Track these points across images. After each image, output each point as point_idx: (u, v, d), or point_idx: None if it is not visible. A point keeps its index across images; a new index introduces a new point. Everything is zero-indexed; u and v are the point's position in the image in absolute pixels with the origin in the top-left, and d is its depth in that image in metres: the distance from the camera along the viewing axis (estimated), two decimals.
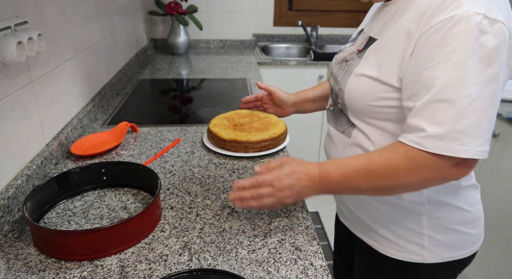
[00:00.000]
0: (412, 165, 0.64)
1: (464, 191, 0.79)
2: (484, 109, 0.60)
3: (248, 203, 0.73)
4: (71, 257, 0.71)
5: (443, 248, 0.80)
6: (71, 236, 0.70)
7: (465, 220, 0.80)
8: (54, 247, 0.71)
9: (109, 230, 0.70)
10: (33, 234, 0.74)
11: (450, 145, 0.60)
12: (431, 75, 0.61)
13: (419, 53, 0.64)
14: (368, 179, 0.67)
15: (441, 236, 0.79)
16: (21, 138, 0.92)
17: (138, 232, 0.75)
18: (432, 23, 0.62)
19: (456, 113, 0.59)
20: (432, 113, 0.61)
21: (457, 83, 0.59)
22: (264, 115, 1.23)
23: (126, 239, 0.73)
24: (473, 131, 0.60)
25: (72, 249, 0.70)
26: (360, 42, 0.81)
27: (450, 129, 0.60)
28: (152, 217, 0.79)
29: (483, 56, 0.59)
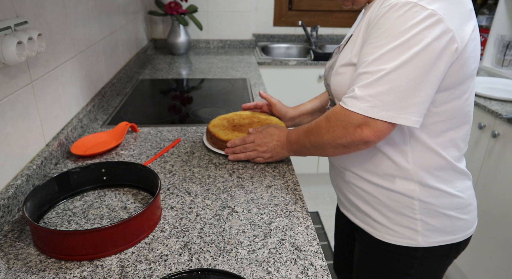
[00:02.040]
0: (328, 124, 0.78)
1: (454, 177, 0.84)
2: (399, 80, 0.68)
3: (238, 156, 1.00)
4: (71, 257, 0.71)
5: (436, 232, 0.84)
6: (71, 236, 0.70)
7: (456, 205, 0.84)
8: (54, 247, 0.71)
9: (109, 230, 0.70)
10: (33, 234, 0.74)
11: (362, 105, 0.70)
12: (365, 52, 0.73)
13: (367, 37, 0.74)
14: (308, 137, 0.84)
15: (433, 220, 0.84)
16: (21, 138, 0.92)
17: (138, 232, 0.75)
18: (379, 11, 0.72)
19: (373, 81, 0.69)
20: (359, 81, 0.71)
21: (378, 60, 0.69)
22: (265, 116, 1.23)
23: (126, 239, 0.73)
24: (385, 97, 0.69)
25: (72, 249, 0.70)
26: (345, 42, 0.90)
27: (366, 92, 0.70)
28: (152, 217, 0.79)
29: (406, 38, 0.67)
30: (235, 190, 0.94)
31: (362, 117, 0.71)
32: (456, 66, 0.72)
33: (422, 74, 0.68)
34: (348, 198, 0.94)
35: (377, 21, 0.71)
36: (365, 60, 0.71)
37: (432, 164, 0.80)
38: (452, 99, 0.76)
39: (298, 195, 0.92)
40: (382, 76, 0.68)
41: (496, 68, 2.05)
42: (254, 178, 0.99)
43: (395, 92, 0.68)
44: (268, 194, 0.92)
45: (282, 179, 0.98)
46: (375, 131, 0.71)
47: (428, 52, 0.67)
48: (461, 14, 0.70)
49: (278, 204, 0.88)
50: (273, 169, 1.03)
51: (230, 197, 0.91)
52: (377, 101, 0.69)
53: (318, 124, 0.81)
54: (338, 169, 0.95)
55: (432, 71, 0.69)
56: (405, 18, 0.67)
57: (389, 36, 0.69)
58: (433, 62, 0.68)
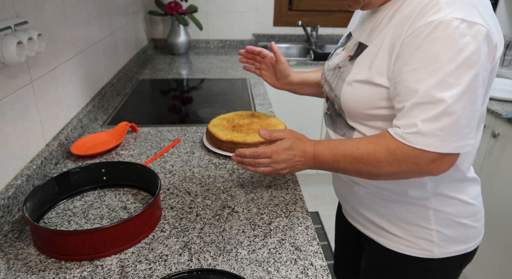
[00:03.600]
0: (392, 158, 0.69)
1: (466, 185, 0.82)
2: (464, 108, 0.64)
3: (247, 167, 0.84)
4: (71, 257, 0.71)
5: (451, 242, 0.82)
6: (71, 236, 0.70)
7: (469, 213, 0.82)
8: (54, 247, 0.71)
9: (109, 230, 0.70)
10: (33, 234, 0.74)
11: (430, 141, 0.65)
12: (414, 78, 0.65)
13: (402, 56, 0.68)
14: (354, 164, 0.74)
15: (448, 230, 0.81)
16: (21, 138, 0.92)
17: (138, 232, 0.75)
18: (414, 28, 0.66)
19: (439, 113, 0.64)
20: (420, 114, 0.65)
21: (437, 88, 0.63)
22: (265, 116, 1.23)
23: (126, 239, 0.73)
24: (453, 128, 0.64)
25: (72, 249, 0.70)
26: (351, 48, 0.83)
27: (433, 127, 0.64)
28: (152, 217, 0.79)
29: (462, 60, 0.62)
30: (235, 190, 0.94)
31: (433, 153, 0.66)
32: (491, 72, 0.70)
33: (479, 94, 0.65)
34: (357, 210, 0.91)
35: (419, 42, 0.65)
36: (417, 88, 0.65)
37: (447, 174, 0.74)
38: None
39: (298, 195, 0.92)
40: (447, 107, 0.63)
41: None
42: (254, 178, 0.99)
43: (461, 120, 0.64)
44: (268, 194, 0.92)
45: (282, 179, 0.98)
46: (448, 164, 0.68)
47: (482, 70, 0.65)
48: (495, 23, 0.68)
49: (278, 204, 0.88)
50: None
51: (230, 197, 0.91)
52: (446, 134, 0.64)
53: (375, 155, 0.71)
54: (344, 181, 0.91)
55: (484, 87, 0.67)
56: (456, 37, 0.62)
57: (442, 59, 0.63)
58: (487, 79, 0.67)
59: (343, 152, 0.74)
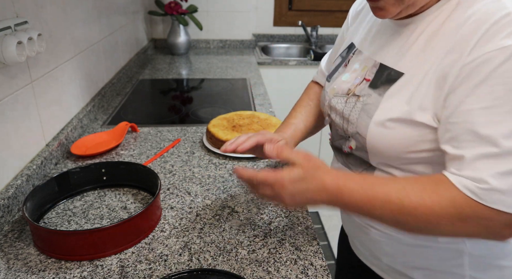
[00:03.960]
0: (457, 216, 0.53)
1: None
2: None
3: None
4: (71, 257, 0.71)
5: None
6: (71, 236, 0.70)
7: (506, 253, 0.69)
8: (54, 247, 0.71)
9: (109, 230, 0.70)
10: (33, 234, 0.74)
11: (508, 200, 0.51)
12: (481, 120, 0.51)
13: (461, 89, 0.53)
14: (398, 215, 0.56)
15: (483, 274, 0.69)
16: (21, 138, 0.92)
17: (138, 232, 0.75)
18: (479, 53, 0.51)
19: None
20: (490, 166, 0.51)
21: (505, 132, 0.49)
22: (265, 116, 1.23)
23: (126, 239, 0.73)
24: None
25: (72, 249, 0.70)
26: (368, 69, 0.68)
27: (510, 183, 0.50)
28: (152, 217, 0.79)
29: None
30: (235, 190, 0.94)
31: (510, 216, 0.52)
32: None
33: None
34: (372, 253, 0.78)
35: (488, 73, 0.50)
36: (486, 134, 0.51)
37: None
38: None
39: None
40: None
41: None
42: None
43: None
44: None
45: None
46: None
47: None
48: None
49: (278, 204, 0.88)
50: (273, 169, 1.03)
51: (230, 197, 0.91)
52: None
53: (434, 209, 0.54)
54: (357, 222, 0.77)
55: None
56: None
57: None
58: None
59: (384, 197, 0.56)
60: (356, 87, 0.68)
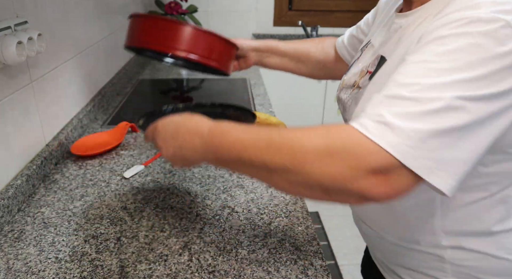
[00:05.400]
0: (326, 150, 0.46)
1: (501, 237, 0.63)
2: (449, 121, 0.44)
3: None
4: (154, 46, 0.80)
5: None
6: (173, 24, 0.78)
7: (498, 270, 0.64)
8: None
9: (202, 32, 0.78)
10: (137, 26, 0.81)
11: (397, 140, 0.44)
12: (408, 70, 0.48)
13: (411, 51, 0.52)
14: (265, 154, 0.49)
15: None
16: (21, 138, 0.92)
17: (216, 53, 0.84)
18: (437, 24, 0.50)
19: (418, 112, 0.45)
20: (398, 106, 0.46)
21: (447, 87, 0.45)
22: (265, 116, 1.22)
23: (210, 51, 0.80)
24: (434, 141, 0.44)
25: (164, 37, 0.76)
26: (371, 61, 0.67)
27: (412, 125, 0.44)
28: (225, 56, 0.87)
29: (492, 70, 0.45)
30: (235, 190, 0.94)
31: (388, 159, 0.44)
32: None
33: (484, 129, 0.46)
34: (372, 250, 0.82)
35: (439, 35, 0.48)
36: (416, 82, 0.46)
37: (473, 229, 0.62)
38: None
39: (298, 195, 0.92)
40: (442, 110, 0.44)
41: None
42: (254, 178, 0.99)
43: (448, 135, 0.44)
44: (268, 194, 0.92)
45: None
46: (391, 188, 0.45)
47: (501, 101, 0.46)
48: None
49: (278, 204, 0.88)
50: None
51: (230, 197, 0.91)
52: (422, 142, 0.44)
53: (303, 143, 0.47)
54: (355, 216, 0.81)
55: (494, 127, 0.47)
56: (493, 40, 0.45)
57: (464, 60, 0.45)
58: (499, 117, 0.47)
59: (255, 135, 0.51)
60: (361, 79, 0.68)
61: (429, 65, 0.47)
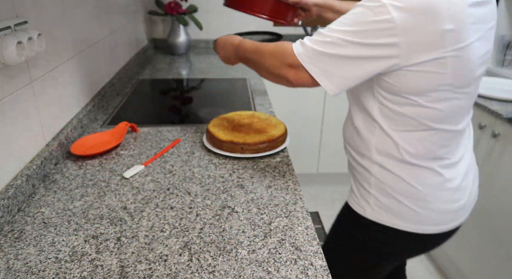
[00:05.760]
0: (273, 51, 0.87)
1: (415, 169, 0.85)
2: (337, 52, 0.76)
3: None
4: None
5: (383, 210, 0.90)
6: None
7: (408, 193, 0.86)
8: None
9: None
10: None
11: (301, 50, 0.80)
12: (335, 21, 0.79)
13: None
14: (254, 53, 0.93)
15: (383, 199, 0.89)
16: (21, 138, 0.92)
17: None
18: None
19: (322, 42, 0.78)
20: (314, 35, 0.81)
21: (336, 32, 0.76)
22: (265, 116, 1.23)
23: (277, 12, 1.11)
24: (320, 56, 0.78)
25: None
26: None
27: (311, 46, 0.79)
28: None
29: (358, 30, 0.74)
30: (235, 190, 0.94)
31: (297, 60, 0.80)
32: (402, 78, 0.75)
33: (356, 63, 0.76)
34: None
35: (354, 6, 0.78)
36: (330, 26, 0.79)
37: (392, 153, 0.84)
38: (413, 105, 0.79)
39: (298, 195, 0.92)
40: (330, 43, 0.77)
41: (496, 68, 2.05)
42: (254, 178, 0.99)
43: (330, 58, 0.77)
44: (268, 194, 0.92)
45: (282, 179, 0.98)
46: (300, 77, 0.82)
47: (368, 50, 0.74)
48: (424, 34, 0.70)
49: (278, 204, 0.88)
50: (273, 169, 1.03)
51: (230, 197, 0.91)
52: (313, 56, 0.78)
53: (266, 48, 0.89)
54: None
55: (364, 65, 0.76)
56: (371, 13, 0.72)
57: (353, 20, 0.75)
58: (367, 60, 0.75)
59: (253, 46, 0.95)
60: None
61: (339, 19, 0.78)
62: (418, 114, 0.79)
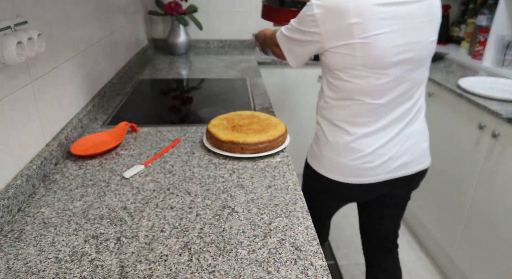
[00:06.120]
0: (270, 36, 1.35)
1: (339, 129, 1.11)
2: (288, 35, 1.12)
3: None
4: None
5: (314, 159, 1.19)
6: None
7: (330, 148, 1.13)
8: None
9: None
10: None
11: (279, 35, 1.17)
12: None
13: None
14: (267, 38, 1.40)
15: (316, 150, 1.18)
16: (21, 138, 0.92)
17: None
18: None
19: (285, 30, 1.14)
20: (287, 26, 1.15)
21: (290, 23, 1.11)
22: (265, 116, 1.23)
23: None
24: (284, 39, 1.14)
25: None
26: None
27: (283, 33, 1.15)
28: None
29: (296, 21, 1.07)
30: (235, 190, 0.94)
31: (277, 41, 1.18)
32: (329, 57, 1.03)
33: (299, 44, 1.09)
34: None
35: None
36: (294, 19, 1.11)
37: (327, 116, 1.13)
38: (338, 77, 1.05)
39: (298, 195, 0.92)
40: (289, 29, 1.11)
41: (496, 68, 2.05)
42: (254, 178, 0.99)
43: (287, 42, 1.13)
44: (268, 194, 0.92)
45: (282, 179, 0.98)
46: (278, 53, 1.25)
47: (303, 35, 1.05)
48: (336, 26, 0.97)
49: (278, 204, 0.88)
50: (273, 169, 1.03)
51: (230, 197, 0.91)
52: (283, 38, 1.14)
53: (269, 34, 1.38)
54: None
55: (304, 46, 1.08)
56: (306, 9, 1.01)
57: (300, 13, 1.04)
58: (300, 42, 1.08)
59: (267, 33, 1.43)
60: None
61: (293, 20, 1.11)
62: (344, 87, 1.04)
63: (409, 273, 1.97)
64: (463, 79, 1.86)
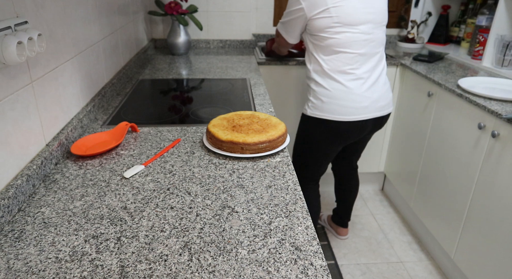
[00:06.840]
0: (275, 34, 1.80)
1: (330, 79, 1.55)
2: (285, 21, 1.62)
3: None
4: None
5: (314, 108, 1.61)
6: None
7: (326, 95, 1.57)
8: None
9: None
10: None
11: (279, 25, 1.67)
12: None
13: None
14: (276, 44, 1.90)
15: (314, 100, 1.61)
16: (21, 138, 0.92)
17: None
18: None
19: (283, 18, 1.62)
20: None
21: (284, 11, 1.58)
22: (265, 116, 1.23)
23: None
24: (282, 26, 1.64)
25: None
26: None
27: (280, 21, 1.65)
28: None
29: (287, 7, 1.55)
30: (235, 190, 0.94)
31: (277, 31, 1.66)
32: (312, 23, 1.51)
33: (292, 23, 1.58)
34: None
35: None
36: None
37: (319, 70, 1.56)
38: (324, 38, 1.51)
39: (298, 195, 0.92)
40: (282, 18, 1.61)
41: (496, 68, 2.05)
42: (254, 178, 0.99)
43: (284, 26, 1.62)
44: (268, 194, 0.92)
45: (282, 179, 0.98)
46: (281, 40, 1.72)
47: (292, 15, 1.55)
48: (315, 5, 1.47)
49: (278, 204, 0.88)
50: (273, 169, 1.03)
51: (230, 197, 0.91)
52: (281, 25, 1.63)
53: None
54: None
55: (296, 23, 1.57)
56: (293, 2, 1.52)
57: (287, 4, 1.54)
58: (293, 20, 1.56)
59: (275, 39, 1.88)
60: None
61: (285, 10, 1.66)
62: (329, 43, 1.50)
63: (409, 273, 1.97)
64: (463, 79, 1.86)
